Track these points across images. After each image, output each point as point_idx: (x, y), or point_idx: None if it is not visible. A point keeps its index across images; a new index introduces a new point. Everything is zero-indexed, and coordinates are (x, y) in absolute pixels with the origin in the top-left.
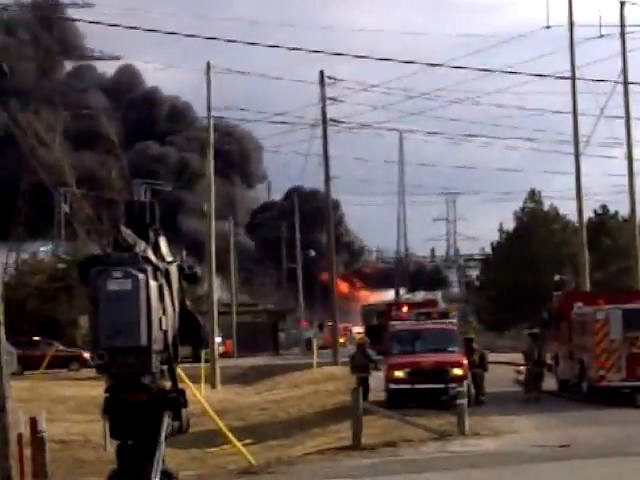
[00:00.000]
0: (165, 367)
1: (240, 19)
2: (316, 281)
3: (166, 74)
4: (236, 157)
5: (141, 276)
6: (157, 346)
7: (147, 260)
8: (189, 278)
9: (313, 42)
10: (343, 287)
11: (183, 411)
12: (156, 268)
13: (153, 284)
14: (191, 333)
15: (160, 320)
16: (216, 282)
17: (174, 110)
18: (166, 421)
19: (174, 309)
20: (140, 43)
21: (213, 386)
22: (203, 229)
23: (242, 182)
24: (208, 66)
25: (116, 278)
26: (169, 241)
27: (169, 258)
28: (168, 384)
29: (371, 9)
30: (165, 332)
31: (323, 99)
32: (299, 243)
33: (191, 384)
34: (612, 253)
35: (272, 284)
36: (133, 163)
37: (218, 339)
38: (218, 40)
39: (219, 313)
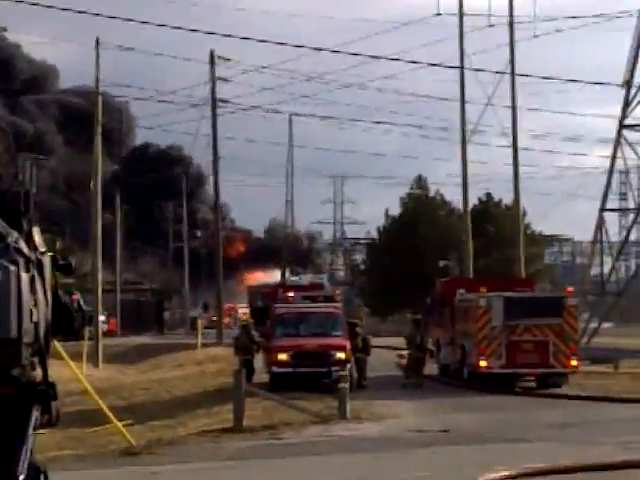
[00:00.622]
0: (36, 359)
1: None
2: (202, 260)
3: (55, 48)
4: (115, 132)
5: (12, 268)
6: (28, 338)
7: (19, 251)
8: (63, 269)
9: (206, 22)
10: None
11: (53, 404)
12: (28, 260)
13: (24, 276)
14: (64, 325)
15: (31, 312)
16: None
17: (32, 73)
18: (34, 415)
19: (46, 301)
20: (31, 18)
21: (95, 365)
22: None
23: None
24: (97, 42)
25: None
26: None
27: (42, 248)
28: (39, 376)
29: None
30: (36, 324)
31: (213, 79)
32: (186, 222)
33: (72, 363)
34: (496, 241)
35: (157, 263)
36: None
37: (102, 317)
38: (104, 17)
39: (103, 291)
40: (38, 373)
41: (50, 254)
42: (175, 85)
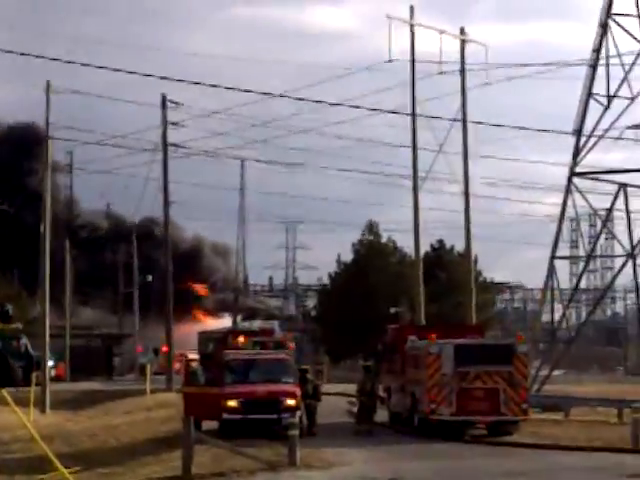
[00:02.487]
0: None
1: (85, 38)
2: (153, 306)
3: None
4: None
5: None
6: None
7: None
8: (1, 317)
9: (159, 66)
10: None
11: None
12: None
13: None
14: (2, 374)
15: None
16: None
17: None
18: None
19: None
20: None
21: (42, 411)
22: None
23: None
24: (48, 85)
25: None
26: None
27: None
28: None
29: (215, 35)
30: None
31: (164, 123)
32: (136, 267)
33: (17, 409)
34: (447, 287)
35: (108, 308)
36: None
37: (50, 362)
38: (58, 61)
39: (52, 336)
40: None
41: None
42: (125, 129)
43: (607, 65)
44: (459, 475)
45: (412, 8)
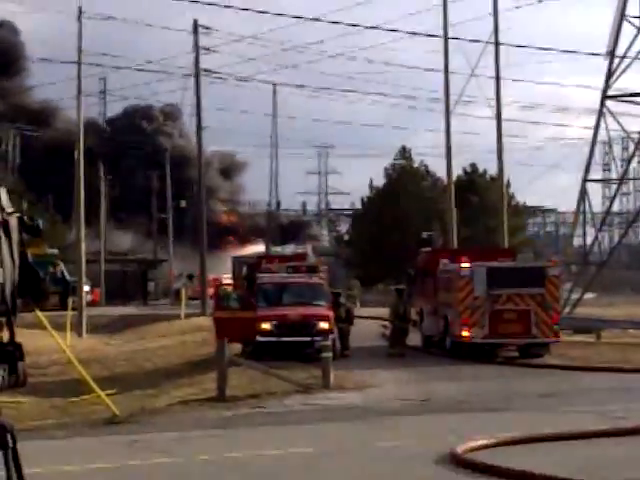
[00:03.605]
0: (3, 320)
1: None
2: (187, 231)
3: (36, 18)
4: None
5: None
6: None
7: None
8: (31, 230)
9: None
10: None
11: (19, 364)
12: None
13: None
14: (31, 286)
15: None
16: (85, 230)
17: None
18: (1, 374)
19: (13, 262)
20: None
21: (79, 335)
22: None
23: None
24: (80, 11)
25: None
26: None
27: (9, 209)
28: (6, 336)
29: None
30: (2, 285)
31: (197, 48)
32: (170, 192)
33: (55, 333)
34: (480, 211)
35: (143, 234)
36: None
37: (86, 288)
38: None
39: (87, 262)
40: (5, 334)
41: (17, 215)
42: (157, 56)
43: None
44: (491, 397)
45: None
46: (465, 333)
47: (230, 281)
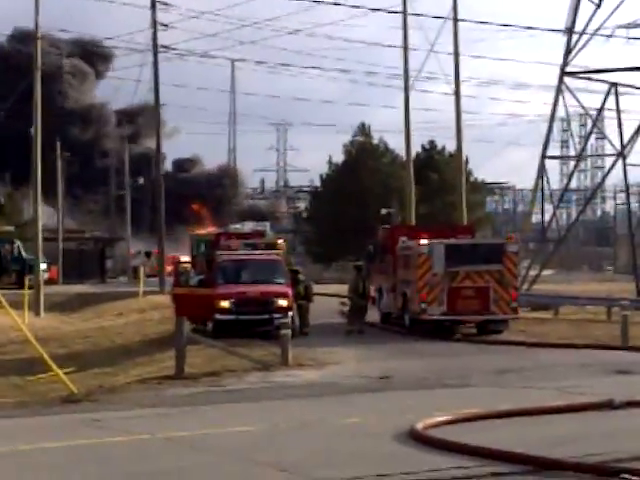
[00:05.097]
0: None
1: None
2: (145, 209)
3: None
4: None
5: None
6: None
7: None
8: None
9: None
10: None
11: None
12: None
13: None
14: None
15: None
16: (42, 208)
17: None
18: None
19: None
20: None
21: (37, 313)
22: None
23: None
24: None
25: None
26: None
27: None
28: None
29: None
30: None
31: (154, 24)
32: (128, 170)
33: (12, 311)
34: (438, 188)
35: (100, 211)
36: None
37: (43, 265)
38: None
39: (45, 239)
40: None
41: None
42: (115, 32)
43: None
44: (450, 373)
45: None
46: (423, 310)
47: (188, 258)
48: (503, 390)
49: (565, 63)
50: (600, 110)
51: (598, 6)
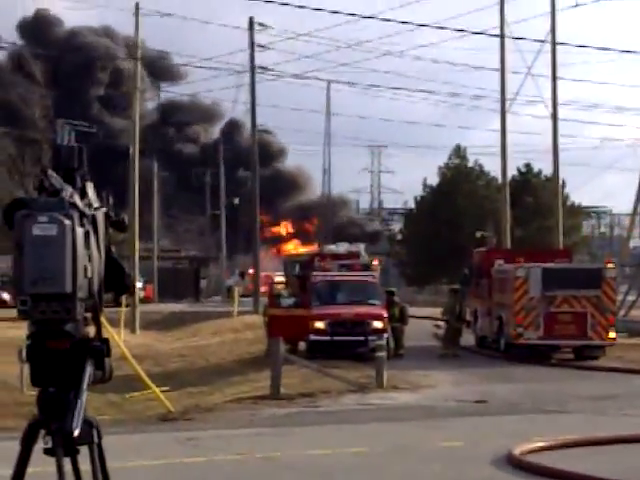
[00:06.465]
0: (89, 315)
1: None
2: (241, 228)
3: (91, 14)
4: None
5: (67, 222)
6: (82, 293)
7: (74, 206)
8: (116, 225)
9: None
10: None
11: (106, 360)
12: (82, 214)
13: (79, 230)
14: (116, 281)
15: (85, 267)
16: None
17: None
18: (88, 370)
19: (100, 256)
20: None
21: (133, 331)
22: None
23: None
24: (137, 7)
25: (41, 223)
26: (97, 186)
27: (96, 204)
28: (92, 332)
29: None
30: (90, 279)
31: (252, 45)
32: (223, 189)
33: (110, 328)
34: (534, 211)
35: (195, 231)
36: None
37: (139, 284)
38: None
39: (141, 258)
40: (91, 329)
41: (103, 210)
42: (212, 52)
43: None
44: (545, 398)
45: None
46: (519, 334)
47: (282, 279)
48: (600, 417)
49: None
50: None
51: None
